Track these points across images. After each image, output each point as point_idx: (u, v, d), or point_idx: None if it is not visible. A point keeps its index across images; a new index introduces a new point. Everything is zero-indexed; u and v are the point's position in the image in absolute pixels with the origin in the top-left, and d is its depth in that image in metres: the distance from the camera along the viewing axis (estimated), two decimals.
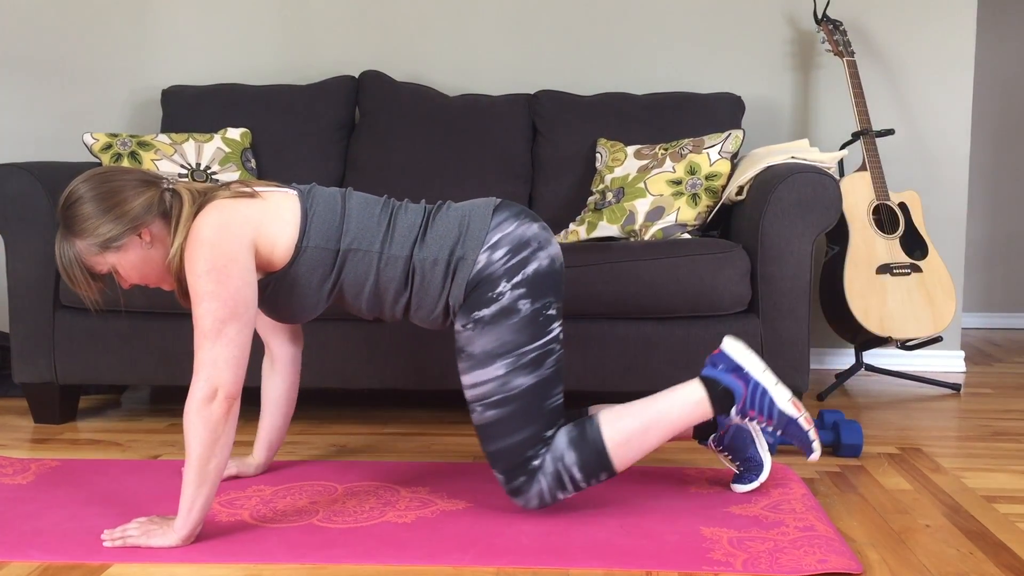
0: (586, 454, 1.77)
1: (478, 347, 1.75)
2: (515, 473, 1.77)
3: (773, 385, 1.80)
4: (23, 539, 1.71)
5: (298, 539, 1.72)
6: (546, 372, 1.76)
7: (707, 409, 1.80)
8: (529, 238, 1.77)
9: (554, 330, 1.78)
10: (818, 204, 2.40)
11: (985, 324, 4.57)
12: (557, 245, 1.83)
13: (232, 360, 1.66)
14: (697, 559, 1.62)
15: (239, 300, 1.66)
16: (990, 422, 2.68)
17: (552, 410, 1.78)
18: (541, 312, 1.76)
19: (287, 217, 1.74)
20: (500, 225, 1.77)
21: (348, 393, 2.98)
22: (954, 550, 1.70)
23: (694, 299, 2.42)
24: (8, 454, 2.29)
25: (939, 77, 3.35)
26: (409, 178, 3.04)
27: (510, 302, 1.74)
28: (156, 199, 1.71)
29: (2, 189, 2.47)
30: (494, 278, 1.74)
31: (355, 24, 3.38)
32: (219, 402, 1.65)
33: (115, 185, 1.69)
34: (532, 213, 1.83)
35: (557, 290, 1.80)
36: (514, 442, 1.76)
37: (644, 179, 2.78)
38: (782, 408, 1.78)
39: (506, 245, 1.75)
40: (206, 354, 1.64)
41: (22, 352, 2.52)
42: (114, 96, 3.41)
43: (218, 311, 1.64)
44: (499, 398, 1.75)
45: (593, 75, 3.37)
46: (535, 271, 1.76)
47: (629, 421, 1.79)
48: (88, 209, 1.67)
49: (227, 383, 1.65)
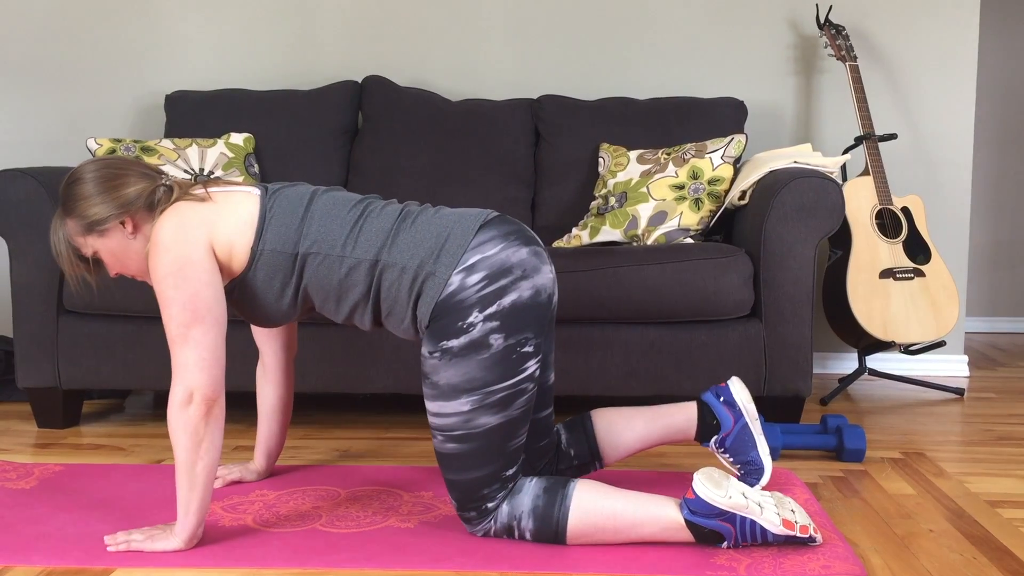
0: (544, 530, 1.68)
1: (443, 379, 1.64)
2: (467, 505, 1.71)
3: (760, 515, 1.65)
4: (26, 544, 1.71)
5: (301, 544, 1.72)
6: (514, 413, 1.66)
7: (690, 537, 1.67)
8: (512, 264, 1.64)
9: (528, 369, 1.66)
10: (821, 209, 2.40)
11: (989, 328, 4.56)
12: (549, 275, 1.69)
13: (202, 362, 1.64)
14: (700, 564, 1.61)
15: (199, 302, 1.65)
16: (994, 426, 2.68)
17: (515, 450, 1.69)
18: (515, 349, 1.63)
19: (244, 219, 1.71)
20: (482, 245, 1.64)
21: (351, 398, 2.98)
22: (958, 555, 1.70)
23: (697, 304, 2.42)
24: (11, 459, 2.30)
25: (942, 81, 3.35)
26: (412, 183, 3.04)
27: (480, 335, 1.61)
28: (148, 190, 1.72)
29: (6, 194, 2.48)
30: (465, 306, 1.61)
31: (358, 29, 3.38)
32: (196, 405, 1.64)
33: (117, 171, 1.73)
34: (528, 235, 1.70)
35: (539, 325, 1.67)
36: (471, 478, 1.68)
37: (647, 184, 2.78)
38: (776, 533, 1.66)
39: (484, 270, 1.62)
40: (177, 359, 1.64)
41: (26, 357, 2.53)
42: (118, 101, 3.42)
43: (180, 315, 1.64)
44: (461, 433, 1.66)
45: (595, 80, 3.37)
46: (513, 303, 1.63)
47: (602, 518, 1.66)
48: (85, 189, 1.71)
49: (202, 385, 1.64)
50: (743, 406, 1.90)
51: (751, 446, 1.91)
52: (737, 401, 1.90)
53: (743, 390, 1.92)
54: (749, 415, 1.89)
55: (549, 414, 1.90)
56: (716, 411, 1.90)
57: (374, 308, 1.72)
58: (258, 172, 3.03)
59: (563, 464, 1.95)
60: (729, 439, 1.91)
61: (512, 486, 1.71)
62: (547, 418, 1.90)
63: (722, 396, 1.91)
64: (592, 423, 1.96)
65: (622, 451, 1.96)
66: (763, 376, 2.44)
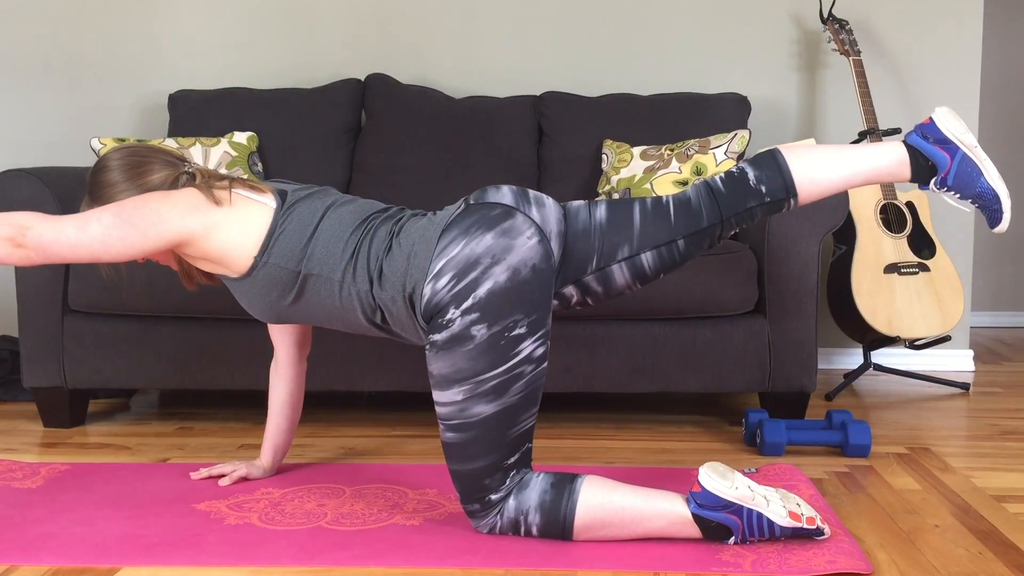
0: (552, 524, 1.68)
1: (435, 369, 1.67)
2: (470, 497, 1.71)
3: (766, 507, 1.65)
4: (33, 543, 1.71)
5: (306, 541, 1.72)
6: (511, 399, 1.65)
7: (697, 532, 1.67)
8: (479, 255, 1.62)
9: (522, 351, 1.64)
10: (825, 204, 2.40)
11: (994, 323, 4.55)
12: (527, 243, 1.64)
13: (63, 232, 1.63)
14: (706, 560, 1.61)
15: (130, 220, 1.65)
16: (999, 421, 2.67)
17: (517, 437, 1.68)
18: (502, 335, 1.62)
19: (250, 230, 1.72)
20: (445, 249, 1.64)
21: (356, 396, 2.98)
22: (963, 550, 1.69)
23: (701, 300, 2.42)
24: (18, 458, 2.30)
25: (946, 75, 3.34)
26: (415, 181, 3.04)
27: (461, 328, 1.62)
28: (172, 177, 1.77)
29: (11, 194, 2.48)
30: (442, 306, 1.63)
31: (360, 27, 3.38)
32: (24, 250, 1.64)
33: (142, 159, 1.78)
34: (491, 215, 1.65)
35: (528, 304, 1.64)
36: (472, 468, 1.68)
37: (650, 180, 2.78)
38: (783, 525, 1.65)
39: (450, 271, 1.62)
40: (59, 219, 1.64)
41: (31, 356, 2.53)
42: (121, 101, 3.42)
43: (103, 213, 1.65)
44: (458, 423, 1.67)
45: (598, 76, 3.37)
46: (489, 291, 1.62)
47: (610, 512, 1.67)
48: (113, 176, 1.76)
49: (41, 229, 1.63)
50: (956, 138, 1.73)
51: (976, 175, 1.75)
52: (947, 135, 1.73)
53: (952, 120, 1.74)
54: (966, 144, 1.73)
55: None
56: (927, 152, 1.74)
57: (378, 321, 1.74)
58: (261, 171, 3.04)
59: (753, 201, 1.72)
60: (950, 177, 1.75)
61: (516, 477, 1.70)
62: None
63: (929, 136, 1.75)
64: (785, 158, 1.74)
65: (822, 188, 1.75)
66: (768, 372, 2.44)
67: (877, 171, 1.75)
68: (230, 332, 2.48)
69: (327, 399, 2.93)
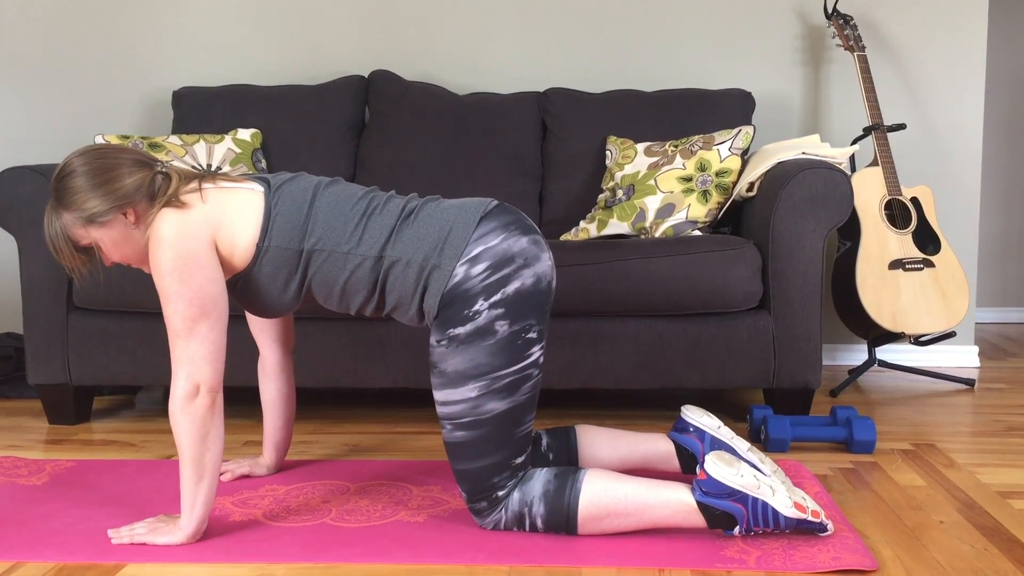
0: (556, 514, 1.69)
1: (451, 366, 1.67)
2: (477, 496, 1.71)
3: (771, 497, 1.65)
4: (38, 539, 1.72)
5: (311, 538, 1.72)
6: (520, 399, 1.68)
7: (702, 521, 1.67)
8: (515, 254, 1.67)
9: (533, 355, 1.69)
10: (829, 200, 2.40)
11: (999, 319, 4.54)
12: (548, 262, 1.72)
13: (208, 356, 1.66)
14: (710, 556, 1.61)
15: (205, 297, 1.66)
16: (1004, 417, 2.67)
17: (523, 437, 1.70)
18: (520, 335, 1.66)
19: (248, 216, 1.71)
20: (484, 236, 1.67)
21: (360, 392, 2.99)
22: (968, 546, 1.69)
23: (705, 296, 2.41)
24: (23, 455, 2.31)
25: (951, 71, 3.34)
26: (419, 177, 3.04)
27: (486, 322, 1.64)
28: (147, 180, 1.71)
29: (15, 192, 2.49)
30: (471, 295, 1.64)
31: (364, 24, 3.38)
32: (202, 397, 1.66)
33: (109, 162, 1.70)
34: (526, 223, 1.73)
35: (541, 312, 1.70)
36: (481, 466, 1.69)
37: (654, 176, 2.77)
38: (788, 515, 1.65)
39: (487, 260, 1.65)
40: (182, 352, 1.66)
41: (36, 353, 2.54)
42: (125, 98, 3.42)
43: (186, 310, 1.65)
44: (469, 420, 1.68)
45: (602, 72, 3.36)
46: (517, 291, 1.66)
47: (613, 500, 1.67)
48: (79, 183, 1.68)
49: (208, 378, 1.66)
50: (700, 424, 1.90)
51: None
52: (693, 424, 1.90)
53: (697, 412, 1.91)
54: (711, 428, 1.89)
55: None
56: (683, 443, 1.91)
57: (379, 301, 1.74)
58: (265, 167, 3.04)
59: (538, 465, 1.88)
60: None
61: (522, 475, 1.72)
62: None
63: (682, 428, 1.92)
64: (576, 434, 1.93)
65: (601, 466, 1.92)
66: (772, 368, 2.44)
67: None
68: (232, 329, 2.48)
69: (331, 396, 2.93)
